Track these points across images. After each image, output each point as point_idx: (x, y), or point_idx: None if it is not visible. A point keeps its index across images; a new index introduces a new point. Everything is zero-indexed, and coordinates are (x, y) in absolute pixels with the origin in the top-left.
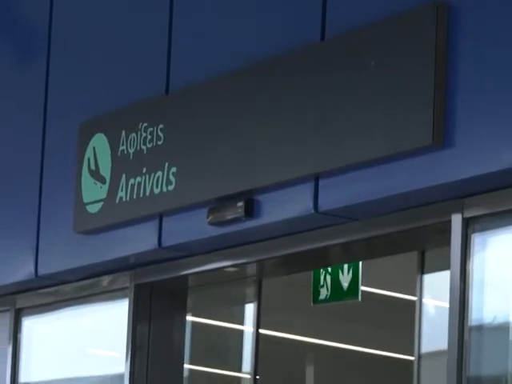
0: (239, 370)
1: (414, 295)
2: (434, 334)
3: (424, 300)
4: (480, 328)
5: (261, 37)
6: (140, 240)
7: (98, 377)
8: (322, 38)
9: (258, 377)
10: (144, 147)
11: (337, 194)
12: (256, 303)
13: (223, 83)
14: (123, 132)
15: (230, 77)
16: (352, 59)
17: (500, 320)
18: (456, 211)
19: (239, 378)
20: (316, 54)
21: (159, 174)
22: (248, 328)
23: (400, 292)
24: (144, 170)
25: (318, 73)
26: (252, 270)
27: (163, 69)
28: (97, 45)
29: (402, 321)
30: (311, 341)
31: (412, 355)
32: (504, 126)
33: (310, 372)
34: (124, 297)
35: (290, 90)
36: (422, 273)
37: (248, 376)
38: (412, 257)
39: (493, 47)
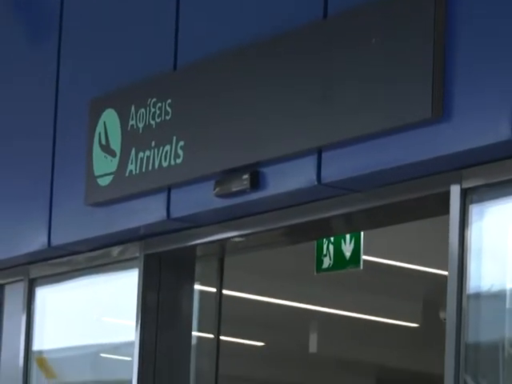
0: (249, 337)
1: (414, 264)
2: None
3: None
4: (478, 295)
5: (266, 14)
6: (149, 212)
7: (109, 344)
8: (325, 16)
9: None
10: (153, 122)
11: (339, 167)
12: (218, 271)
13: (229, 59)
14: (133, 107)
15: (236, 53)
16: (353, 36)
17: (497, 288)
18: (454, 182)
19: (248, 345)
20: (318, 31)
21: (167, 147)
22: (258, 297)
23: (401, 261)
24: (153, 143)
25: (321, 49)
26: (257, 240)
27: (171, 45)
28: (107, 22)
29: (403, 289)
30: (315, 308)
31: (410, 321)
32: (501, 99)
33: (313, 339)
34: (134, 267)
35: (294, 66)
36: None
37: (257, 343)
38: (411, 226)
39: (490, 22)
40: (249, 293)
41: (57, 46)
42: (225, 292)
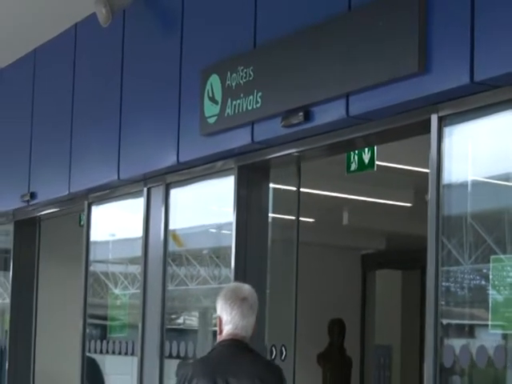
0: (304, 216)
1: (408, 165)
2: None
3: None
4: (449, 185)
5: (310, 7)
6: (240, 138)
7: (216, 224)
8: (349, 9)
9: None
10: (241, 81)
11: (360, 105)
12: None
13: (290, 39)
14: (228, 72)
15: (294, 35)
16: (367, 20)
17: (462, 180)
18: (433, 112)
19: (304, 221)
20: (345, 18)
21: (251, 97)
22: (311, 190)
23: (400, 164)
24: (241, 95)
25: (348, 29)
26: (310, 153)
27: (252, 31)
28: (214, 17)
29: (402, 182)
30: (346, 196)
31: (406, 202)
32: (461, 57)
33: (345, 216)
34: (231, 174)
35: (331, 41)
36: None
37: (310, 220)
38: (407, 142)
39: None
40: (305, 188)
41: (179, 38)
42: (290, 188)
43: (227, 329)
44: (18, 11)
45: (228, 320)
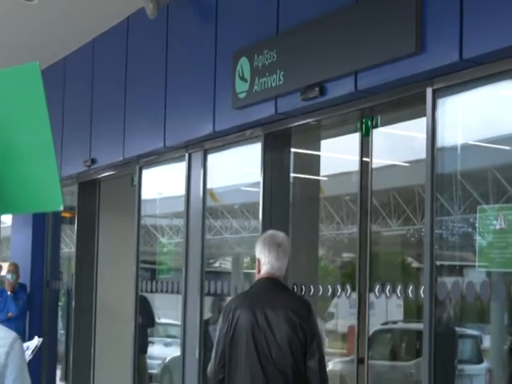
0: (318, 174)
1: (406, 131)
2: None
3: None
4: (443, 148)
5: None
6: (265, 110)
7: (246, 183)
8: (357, 0)
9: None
10: (266, 62)
11: (366, 81)
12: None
13: (306, 27)
14: (255, 55)
15: (310, 22)
16: (372, 8)
17: (453, 144)
18: (429, 86)
19: (318, 181)
20: (354, 7)
21: (274, 75)
22: (323, 153)
23: (398, 130)
24: (266, 74)
25: (356, 17)
26: (324, 122)
27: (275, 20)
28: (243, 6)
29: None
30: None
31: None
32: (451, 39)
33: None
34: (258, 141)
35: (342, 27)
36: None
37: (325, 179)
38: (406, 111)
39: None
40: (323, 151)
41: (214, 26)
42: (309, 152)
43: (265, 269)
44: (78, 7)
45: (266, 261)
